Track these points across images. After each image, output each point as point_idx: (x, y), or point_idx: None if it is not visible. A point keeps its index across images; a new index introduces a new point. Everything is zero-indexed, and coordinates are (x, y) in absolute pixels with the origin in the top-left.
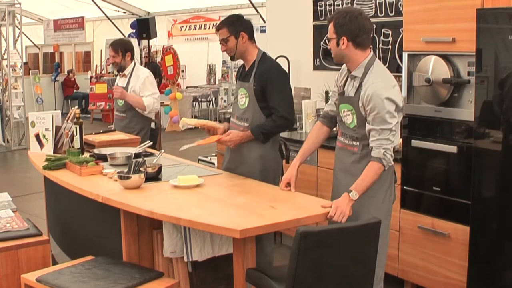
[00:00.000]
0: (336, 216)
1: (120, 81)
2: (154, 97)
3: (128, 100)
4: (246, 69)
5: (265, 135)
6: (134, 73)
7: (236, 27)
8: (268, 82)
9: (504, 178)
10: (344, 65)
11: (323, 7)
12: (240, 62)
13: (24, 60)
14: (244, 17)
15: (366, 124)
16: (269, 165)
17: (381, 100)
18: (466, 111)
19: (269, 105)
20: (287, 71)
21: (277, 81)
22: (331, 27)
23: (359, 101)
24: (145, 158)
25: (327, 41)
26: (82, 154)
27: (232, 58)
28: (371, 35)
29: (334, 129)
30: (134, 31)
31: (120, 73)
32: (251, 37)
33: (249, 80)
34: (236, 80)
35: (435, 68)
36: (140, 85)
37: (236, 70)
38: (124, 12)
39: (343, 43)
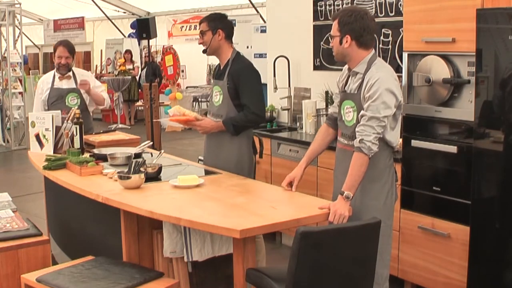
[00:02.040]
0: (336, 220)
1: (64, 83)
2: (106, 93)
3: (92, 94)
4: (221, 67)
5: (235, 127)
6: (77, 74)
7: (215, 23)
8: (241, 81)
9: (504, 178)
10: (346, 66)
11: (323, 7)
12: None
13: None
14: (229, 17)
15: (361, 111)
16: (244, 160)
17: (381, 90)
18: (466, 111)
19: (241, 102)
20: (288, 71)
21: (248, 80)
22: (335, 24)
23: (361, 96)
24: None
25: (330, 38)
26: (82, 154)
27: (205, 51)
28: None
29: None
30: (134, 31)
31: (62, 75)
32: (228, 37)
33: (223, 79)
34: (212, 79)
35: (435, 68)
36: (92, 83)
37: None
38: (124, 12)
39: (347, 42)
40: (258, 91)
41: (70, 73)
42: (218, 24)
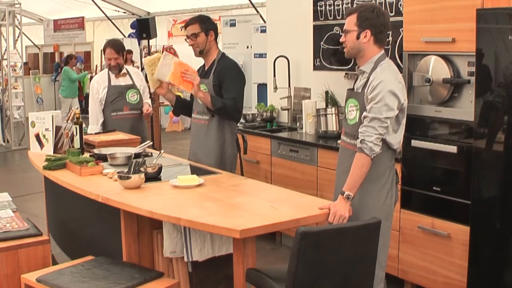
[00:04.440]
0: (336, 220)
1: (121, 81)
2: (149, 98)
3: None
4: (206, 68)
5: (221, 108)
6: (130, 70)
7: (207, 25)
8: (226, 78)
9: (504, 178)
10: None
11: (323, 7)
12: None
13: (24, 60)
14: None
15: (364, 112)
16: (227, 154)
17: (384, 92)
18: (466, 111)
19: (224, 97)
20: (288, 71)
21: (234, 78)
22: (353, 19)
23: (364, 96)
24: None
25: (344, 33)
26: (82, 154)
27: (201, 52)
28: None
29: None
30: (134, 31)
31: (117, 73)
32: (216, 38)
33: (209, 77)
34: None
35: (435, 68)
36: (144, 84)
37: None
38: (124, 12)
39: (365, 36)
40: (241, 90)
41: (125, 70)
42: (209, 26)
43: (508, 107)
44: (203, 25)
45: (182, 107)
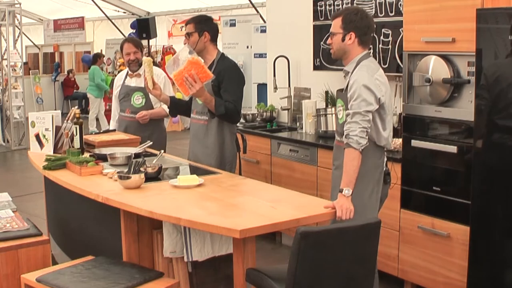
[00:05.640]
0: (343, 214)
1: (133, 81)
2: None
3: (152, 117)
4: None
5: (223, 114)
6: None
7: (202, 26)
8: (226, 79)
9: (504, 178)
10: None
11: (323, 7)
12: None
13: (24, 60)
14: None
15: (347, 111)
16: (226, 154)
17: (359, 87)
18: (466, 111)
19: (224, 99)
20: (288, 71)
21: (234, 80)
22: (338, 22)
23: (347, 95)
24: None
25: (331, 36)
26: (82, 154)
27: (190, 52)
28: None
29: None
30: (134, 31)
31: (133, 72)
32: (214, 39)
33: None
34: None
35: (435, 68)
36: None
37: None
38: (124, 12)
39: (350, 38)
40: (241, 92)
41: (141, 71)
42: (204, 27)
43: (508, 106)
44: (198, 26)
45: (177, 107)
